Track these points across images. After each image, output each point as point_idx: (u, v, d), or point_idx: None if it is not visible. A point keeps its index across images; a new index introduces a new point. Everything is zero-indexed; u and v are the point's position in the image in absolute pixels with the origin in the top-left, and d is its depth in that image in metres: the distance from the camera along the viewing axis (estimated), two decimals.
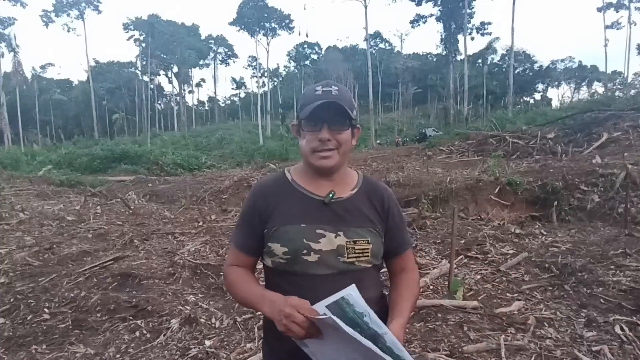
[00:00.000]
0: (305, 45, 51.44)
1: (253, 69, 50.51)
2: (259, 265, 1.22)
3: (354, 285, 0.97)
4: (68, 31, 43.39)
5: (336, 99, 1.07)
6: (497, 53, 52.59)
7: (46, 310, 3.44)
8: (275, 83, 51.50)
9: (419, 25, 43.34)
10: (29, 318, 3.32)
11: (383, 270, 1.23)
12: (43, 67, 50.66)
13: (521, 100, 52.15)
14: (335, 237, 1.09)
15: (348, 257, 1.08)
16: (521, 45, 55.67)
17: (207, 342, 2.88)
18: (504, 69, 49.66)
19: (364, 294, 1.07)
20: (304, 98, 1.11)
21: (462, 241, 5.55)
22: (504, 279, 4.20)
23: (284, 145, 32.66)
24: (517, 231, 6.09)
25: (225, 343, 2.88)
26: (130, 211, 8.50)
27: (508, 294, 3.80)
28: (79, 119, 47.96)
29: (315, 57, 51.70)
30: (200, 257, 4.93)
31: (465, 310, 3.38)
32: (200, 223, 7.19)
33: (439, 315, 3.32)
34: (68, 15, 42.56)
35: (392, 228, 1.19)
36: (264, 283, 1.18)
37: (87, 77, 44.62)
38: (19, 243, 5.52)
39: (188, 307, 3.54)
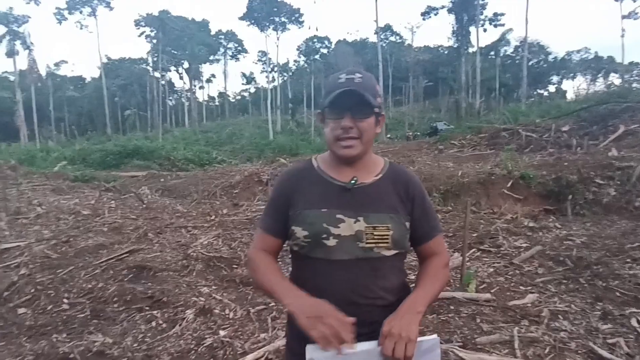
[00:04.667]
0: (315, 40, 51.27)
1: (263, 64, 50.62)
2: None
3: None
4: (81, 28, 43.96)
5: (358, 87, 1.07)
6: (510, 45, 51.76)
7: (65, 300, 3.52)
8: (285, 78, 51.46)
9: (430, 17, 42.92)
10: (49, 308, 3.41)
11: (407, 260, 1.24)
12: (57, 65, 51.39)
13: (535, 92, 51.34)
14: (355, 223, 1.10)
15: (367, 243, 1.09)
16: (535, 36, 54.84)
17: (222, 332, 2.93)
18: (517, 61, 48.87)
19: (382, 282, 1.08)
20: (327, 86, 1.13)
21: (475, 234, 5.52)
22: (517, 272, 4.17)
23: (294, 140, 32.74)
24: (531, 224, 6.04)
25: (239, 333, 2.93)
26: (144, 205, 8.62)
27: (521, 287, 3.78)
28: (92, 115, 48.63)
29: (325, 51, 51.50)
30: (213, 250, 4.99)
31: (477, 302, 3.38)
32: (213, 217, 7.26)
33: (452, 307, 3.32)
34: (81, 12, 43.06)
35: (418, 215, 1.19)
36: (292, 265, 1.22)
37: (100, 73, 45.19)
38: (37, 236, 5.64)
39: (202, 299, 3.59)
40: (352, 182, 1.14)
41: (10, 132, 37.62)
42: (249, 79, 59.02)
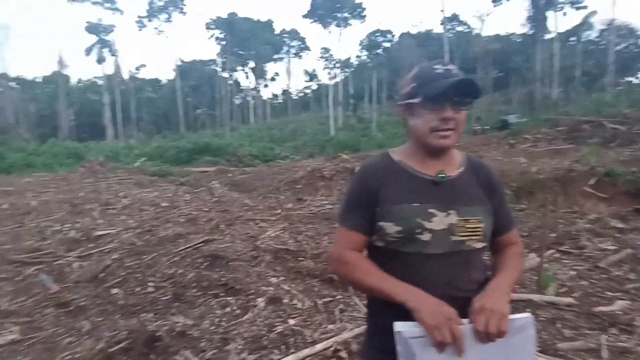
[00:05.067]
0: (378, 34, 50.52)
1: (325, 61, 50.94)
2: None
3: None
4: (158, 34, 47.33)
5: (465, 77, 1.08)
6: (594, 29, 47.04)
7: (150, 284, 3.86)
8: (347, 74, 51.41)
9: (501, 3, 40.32)
10: (137, 290, 3.77)
11: None
12: (137, 69, 55.93)
13: (623, 81, 46.27)
14: (446, 216, 1.10)
15: (460, 236, 1.10)
16: (624, 18, 49.25)
17: (291, 321, 3.04)
18: (601, 47, 44.36)
19: (475, 275, 1.08)
20: (421, 77, 1.12)
21: (553, 235, 5.15)
22: (604, 276, 3.84)
23: (355, 136, 32.63)
24: (619, 225, 5.49)
25: (308, 323, 3.02)
26: (215, 199, 9.13)
27: (608, 293, 3.47)
28: (168, 114, 52.27)
29: (387, 45, 50.60)
30: (280, 242, 5.16)
31: (557, 306, 3.16)
32: (278, 211, 7.50)
33: (528, 310, 3.14)
34: (158, 19, 46.37)
35: (498, 206, 1.18)
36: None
37: (174, 76, 48.41)
38: (124, 225, 6.23)
39: (271, 288, 3.74)
40: (441, 175, 1.14)
41: (98, 131, 41.69)
42: (311, 76, 59.82)
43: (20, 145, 26.31)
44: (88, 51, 42.61)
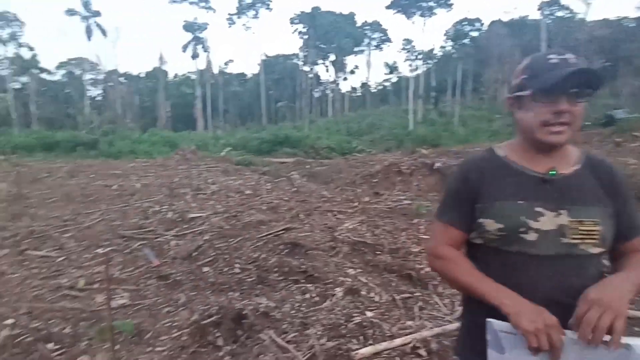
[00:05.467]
0: (465, 22, 47.81)
1: (407, 52, 49.58)
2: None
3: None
4: (246, 30, 49.86)
5: (585, 66, 1.00)
6: None
7: (237, 265, 4.15)
8: (429, 65, 49.51)
9: None
10: (225, 270, 4.07)
11: None
12: (226, 64, 59.72)
13: None
14: (557, 216, 1.03)
15: (572, 239, 1.02)
16: None
17: (368, 313, 3.06)
18: None
19: (587, 282, 0.99)
20: (533, 68, 1.06)
21: None
22: None
23: (435, 130, 31.43)
24: None
25: (386, 317, 3.02)
26: (294, 189, 9.44)
27: None
28: (251, 107, 55.01)
29: (475, 34, 47.67)
30: (358, 235, 5.19)
31: None
32: (355, 204, 7.54)
33: None
34: (246, 15, 48.81)
35: (621, 209, 1.07)
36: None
37: (259, 70, 50.71)
38: (213, 209, 6.73)
39: (349, 279, 3.80)
40: (552, 172, 1.07)
41: (190, 122, 45.29)
42: (392, 68, 58.68)
43: (126, 134, 29.57)
44: (184, 48, 46.35)
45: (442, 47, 52.39)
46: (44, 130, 28.87)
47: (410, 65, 46.29)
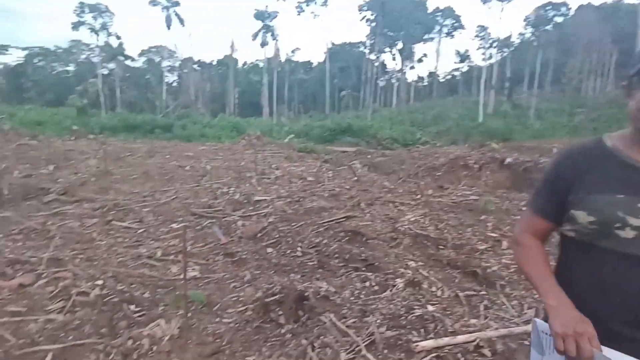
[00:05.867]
0: (549, 7, 43.96)
1: (480, 40, 46.89)
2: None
3: None
4: (314, 18, 50.17)
5: None
6: None
7: (299, 249, 4.26)
8: (505, 54, 46.39)
9: None
10: (288, 252, 4.20)
11: None
12: (293, 52, 60.54)
13: None
14: None
15: None
16: None
17: (430, 307, 3.00)
18: None
19: None
20: None
21: None
22: None
23: (507, 123, 29.62)
24: None
25: (448, 312, 2.94)
26: (355, 178, 9.43)
27: None
28: (315, 95, 55.53)
29: (560, 20, 43.71)
30: (420, 227, 5.08)
31: None
32: (418, 196, 7.37)
33: None
34: (315, 3, 49.04)
35: None
36: (560, 255, 1.14)
37: (324, 58, 50.90)
38: (277, 194, 6.94)
39: (409, 272, 3.74)
40: None
41: (256, 109, 46.82)
42: (463, 57, 55.87)
43: (197, 118, 31.33)
44: (254, 36, 47.79)
45: (521, 34, 48.79)
46: (126, 113, 31.47)
47: (483, 53, 43.77)
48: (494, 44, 42.68)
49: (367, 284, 3.48)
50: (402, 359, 2.38)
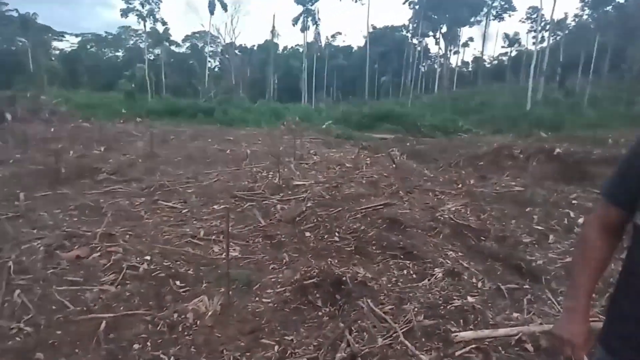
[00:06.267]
0: None
1: (532, 22, 44.24)
2: None
3: None
4: (355, 2, 49.18)
5: None
6: None
7: (337, 234, 4.28)
8: (559, 37, 43.55)
9: None
10: (325, 237, 4.23)
11: None
12: (333, 36, 59.89)
13: None
14: None
15: None
16: None
17: (470, 298, 2.94)
18: None
19: None
20: None
21: None
22: None
23: (558, 111, 28.00)
24: None
25: (489, 305, 2.87)
26: (394, 166, 9.30)
27: None
28: (354, 81, 54.82)
29: (622, 0, 40.32)
30: (461, 217, 4.95)
31: None
32: (460, 185, 7.17)
33: None
34: None
35: None
36: (630, 245, 1.08)
37: (365, 43, 50.00)
38: (315, 179, 6.98)
39: (449, 262, 3.67)
40: None
41: (295, 94, 46.93)
42: (512, 41, 53.02)
43: (238, 103, 31.88)
44: (295, 21, 47.63)
45: (577, 15, 45.55)
46: (170, 97, 32.54)
47: (534, 37, 41.31)
48: (547, 27, 40.15)
49: (405, 272, 3.45)
50: (440, 348, 2.36)
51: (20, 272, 3.11)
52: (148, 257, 3.47)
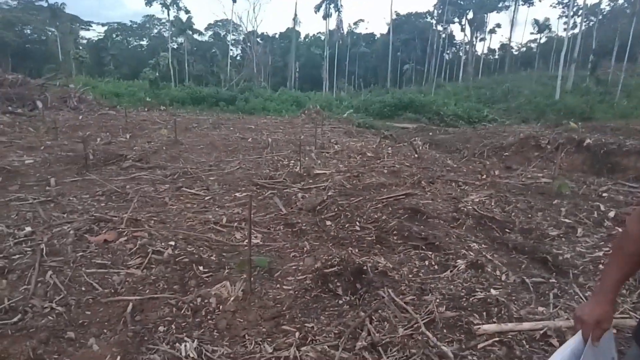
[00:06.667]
0: None
1: (563, 7, 42.42)
2: None
3: None
4: None
5: None
6: None
7: (357, 223, 4.27)
8: (592, 23, 41.64)
9: None
10: (346, 226, 4.22)
11: None
12: (355, 24, 59.11)
13: None
14: None
15: None
16: None
17: (493, 291, 2.89)
18: None
19: None
20: None
21: None
22: None
23: (589, 101, 26.97)
24: None
25: (513, 298, 2.81)
26: (416, 155, 9.17)
27: None
28: (376, 69, 54.10)
29: None
30: (485, 209, 4.85)
31: None
32: (484, 176, 7.01)
33: None
34: None
35: None
36: None
37: (388, 30, 49.09)
38: (336, 168, 6.96)
39: (472, 253, 3.61)
40: None
41: (317, 83, 46.71)
42: (542, 27, 51.05)
43: (259, 92, 31.97)
44: (317, 8, 47.15)
45: (612, 0, 43.44)
46: (193, 86, 32.94)
47: (565, 22, 39.64)
48: (580, 12, 38.44)
49: (427, 262, 3.41)
50: (462, 340, 2.33)
51: (52, 254, 3.23)
52: (172, 243, 3.54)
